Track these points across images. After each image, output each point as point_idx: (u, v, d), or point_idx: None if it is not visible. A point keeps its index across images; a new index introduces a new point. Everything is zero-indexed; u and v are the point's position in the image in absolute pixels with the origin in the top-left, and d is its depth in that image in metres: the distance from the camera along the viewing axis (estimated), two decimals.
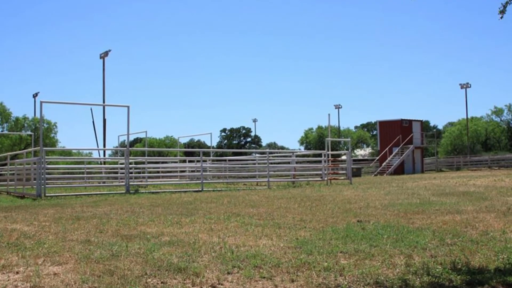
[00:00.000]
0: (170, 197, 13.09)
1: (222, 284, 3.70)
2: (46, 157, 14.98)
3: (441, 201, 9.45)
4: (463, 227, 6.02)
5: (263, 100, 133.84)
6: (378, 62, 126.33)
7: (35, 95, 48.03)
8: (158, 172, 28.31)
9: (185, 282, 3.74)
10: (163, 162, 32.35)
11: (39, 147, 15.13)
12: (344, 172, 23.27)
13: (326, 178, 19.80)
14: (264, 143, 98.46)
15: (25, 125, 48.23)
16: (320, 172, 20.89)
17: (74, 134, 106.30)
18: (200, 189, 16.45)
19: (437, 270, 3.90)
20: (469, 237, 5.30)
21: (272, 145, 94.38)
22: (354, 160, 45.70)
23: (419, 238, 5.23)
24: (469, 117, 51.91)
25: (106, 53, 35.00)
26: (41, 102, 15.16)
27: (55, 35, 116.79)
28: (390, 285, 3.57)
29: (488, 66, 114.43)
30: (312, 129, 74.45)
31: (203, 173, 18.51)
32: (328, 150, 20.42)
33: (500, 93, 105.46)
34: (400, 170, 37.40)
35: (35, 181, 14.90)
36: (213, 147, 43.25)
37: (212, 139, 30.87)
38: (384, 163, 38.48)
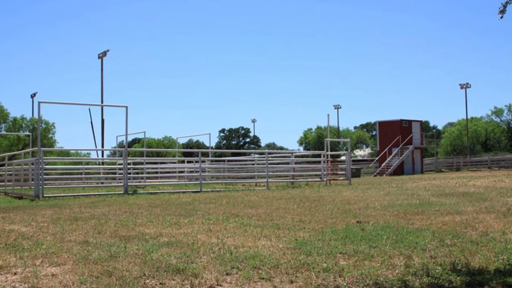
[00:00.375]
0: (168, 197, 13.07)
1: (220, 285, 3.67)
2: (44, 157, 14.94)
3: (441, 202, 9.44)
4: (463, 228, 6.00)
5: (262, 100, 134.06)
6: (378, 62, 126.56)
7: (33, 95, 48.02)
8: (156, 172, 28.29)
9: (183, 283, 3.72)
10: (161, 163, 32.32)
11: (37, 148, 15.10)
12: (343, 172, 23.26)
13: (325, 179, 19.79)
14: (263, 144, 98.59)
15: (23, 125, 48.23)
16: (319, 172, 20.87)
17: (72, 135, 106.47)
18: (199, 190, 16.43)
19: (437, 271, 3.88)
20: (469, 238, 5.28)
21: (271, 146, 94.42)
22: (353, 161, 45.72)
23: (418, 239, 5.21)
24: (469, 117, 51.95)
25: (104, 53, 35.01)
26: (39, 103, 15.12)
27: (53, 35, 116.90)
28: (390, 286, 3.55)
29: (488, 66, 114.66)
30: (311, 129, 74.50)
31: (202, 174, 18.49)
32: (327, 151, 20.41)
33: (500, 93, 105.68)
34: (399, 170, 37.41)
35: (33, 182, 14.87)
36: (211, 148, 43.23)
37: (211, 140, 30.89)
38: (384, 164, 38.49)
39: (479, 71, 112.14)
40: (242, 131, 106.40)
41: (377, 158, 41.70)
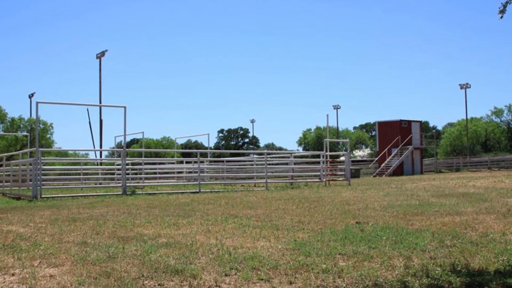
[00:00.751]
0: (167, 198, 13.04)
1: (219, 286, 3.65)
2: (42, 158, 14.91)
3: (441, 203, 9.43)
4: (462, 228, 5.99)
5: (261, 100, 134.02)
6: (378, 62, 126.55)
7: (31, 96, 47.96)
8: (155, 173, 28.26)
9: (182, 284, 3.70)
10: (160, 163, 32.28)
11: (35, 148, 15.07)
12: (342, 173, 23.25)
13: (324, 179, 19.77)
14: (262, 144, 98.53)
15: (21, 125, 48.10)
16: (319, 173, 20.87)
17: (70, 135, 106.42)
18: (198, 191, 16.41)
19: (437, 272, 3.87)
20: (469, 238, 5.27)
21: (270, 146, 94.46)
22: (352, 161, 45.73)
23: (418, 240, 5.20)
24: (468, 117, 52.00)
25: (102, 53, 34.98)
26: (37, 103, 15.10)
27: (51, 35, 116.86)
28: (389, 287, 3.53)
29: (488, 66, 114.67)
30: (310, 129, 74.51)
31: (201, 174, 18.47)
32: (326, 151, 20.40)
33: (500, 93, 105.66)
34: (399, 171, 37.42)
35: (31, 182, 14.83)
36: (210, 148, 43.20)
37: (210, 140, 30.81)
38: (383, 164, 38.50)
39: (479, 71, 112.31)
40: (241, 132, 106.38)
41: (376, 159, 41.70)
